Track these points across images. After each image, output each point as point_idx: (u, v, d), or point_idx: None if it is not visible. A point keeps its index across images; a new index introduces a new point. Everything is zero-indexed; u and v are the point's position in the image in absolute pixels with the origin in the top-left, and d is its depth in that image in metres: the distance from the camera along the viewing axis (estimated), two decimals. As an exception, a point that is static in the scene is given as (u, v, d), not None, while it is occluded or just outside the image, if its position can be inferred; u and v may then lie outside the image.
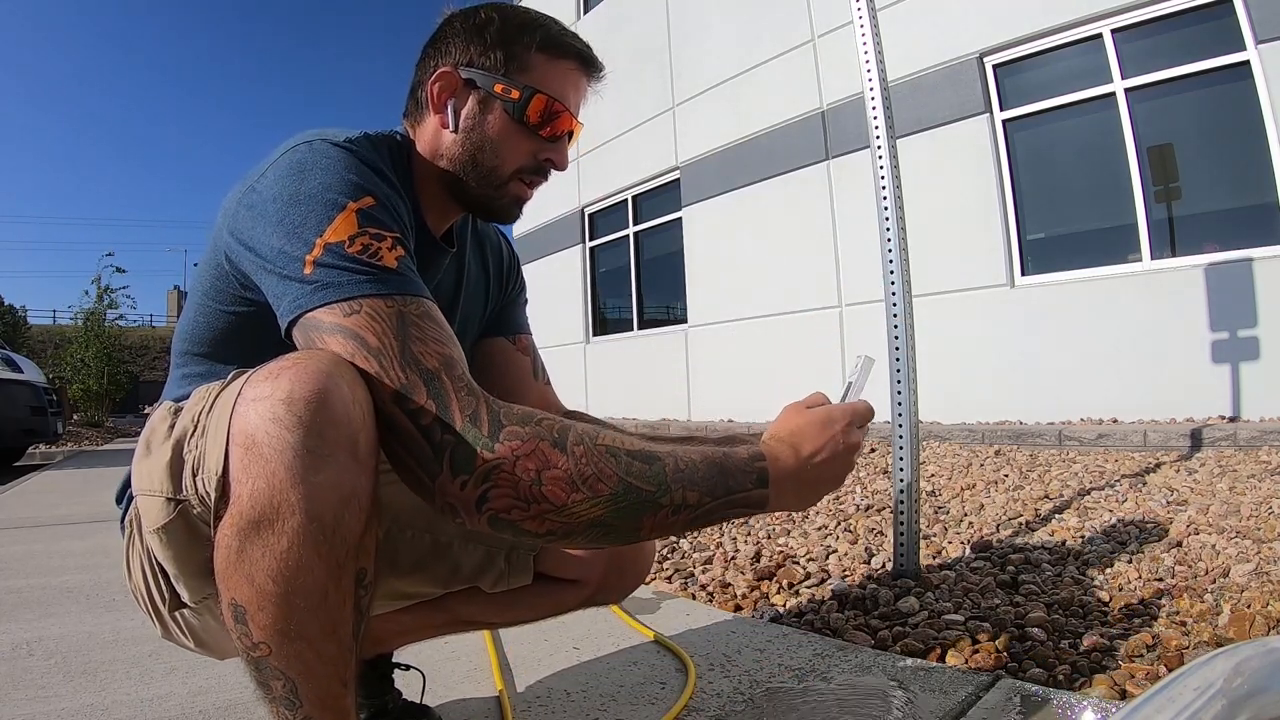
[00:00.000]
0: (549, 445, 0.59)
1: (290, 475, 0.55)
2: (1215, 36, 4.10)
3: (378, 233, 0.64)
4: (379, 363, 0.60)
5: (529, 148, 0.80)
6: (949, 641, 1.25)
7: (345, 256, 0.62)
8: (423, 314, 0.63)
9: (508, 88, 0.77)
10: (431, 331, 0.63)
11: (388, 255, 0.64)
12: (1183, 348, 4.10)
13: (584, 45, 0.83)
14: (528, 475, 0.58)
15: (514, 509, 0.58)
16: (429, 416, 0.59)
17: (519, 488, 0.58)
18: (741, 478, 0.64)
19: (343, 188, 0.65)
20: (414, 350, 0.61)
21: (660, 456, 0.62)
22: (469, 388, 0.61)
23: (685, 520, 0.63)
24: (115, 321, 12.35)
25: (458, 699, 1.11)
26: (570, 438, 0.60)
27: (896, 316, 1.65)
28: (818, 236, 5.98)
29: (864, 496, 2.75)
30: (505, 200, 0.82)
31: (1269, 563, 1.57)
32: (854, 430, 0.72)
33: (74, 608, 1.68)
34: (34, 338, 21.02)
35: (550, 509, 0.58)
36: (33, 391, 6.15)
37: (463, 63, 0.79)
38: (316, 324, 0.62)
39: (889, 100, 1.72)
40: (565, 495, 0.58)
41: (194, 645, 0.79)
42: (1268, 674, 0.52)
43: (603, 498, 0.59)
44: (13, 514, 3.24)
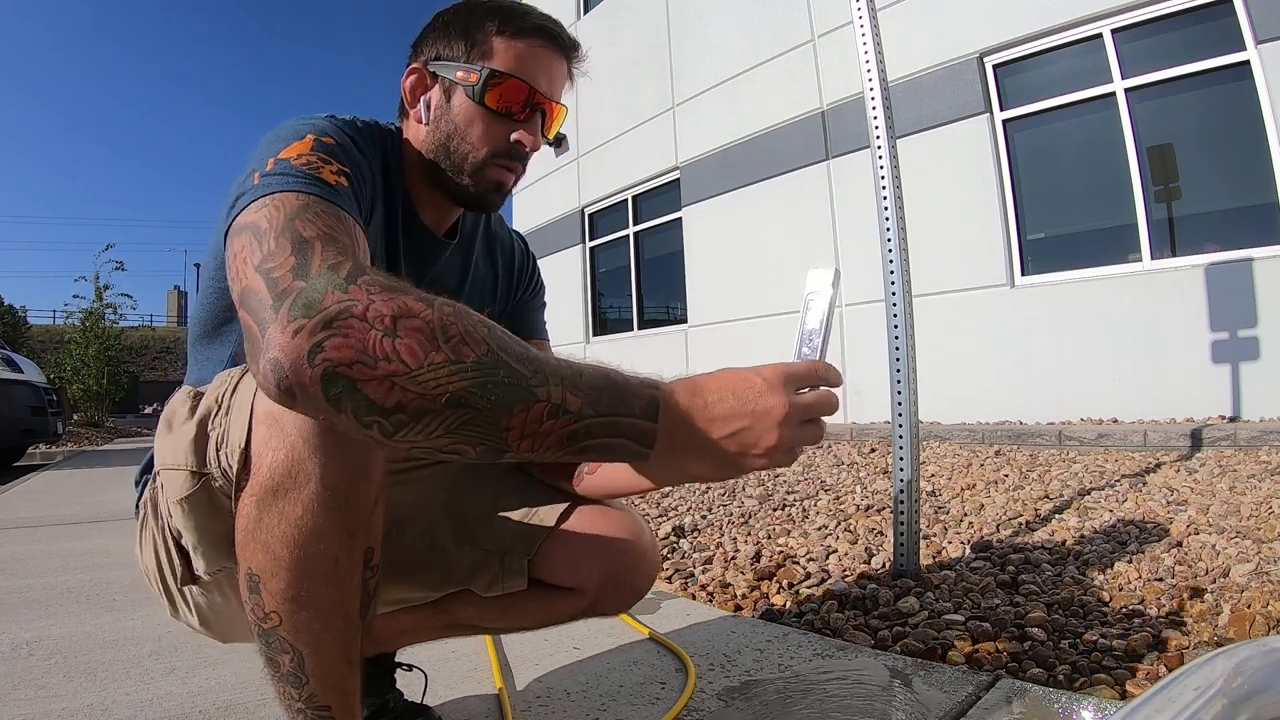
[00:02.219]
0: (414, 298, 0.52)
1: (308, 446, 0.58)
2: (1215, 36, 4.10)
3: (326, 157, 0.66)
4: (258, 241, 0.56)
5: (498, 130, 0.80)
6: (949, 641, 1.25)
7: (290, 166, 0.63)
8: (328, 210, 0.60)
9: (468, 73, 0.78)
10: (326, 219, 0.59)
11: (328, 174, 0.65)
12: (1183, 348, 4.10)
13: (549, 22, 0.82)
14: (381, 322, 0.49)
15: (357, 363, 0.48)
16: (283, 269, 0.53)
17: (367, 339, 0.49)
18: (631, 400, 0.55)
19: (309, 126, 0.70)
20: (296, 224, 0.57)
21: (542, 354, 0.55)
22: (342, 248, 0.56)
23: (562, 431, 0.53)
24: (114, 321, 12.34)
25: (458, 699, 1.11)
26: (441, 300, 0.53)
27: (896, 316, 1.65)
28: (818, 236, 5.98)
29: (864, 496, 2.75)
30: (483, 186, 0.82)
31: (1269, 563, 1.57)
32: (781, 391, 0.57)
33: (74, 608, 1.68)
34: (34, 338, 21.03)
35: (402, 370, 0.49)
36: (33, 391, 6.15)
37: (431, 58, 0.81)
38: (234, 229, 0.60)
39: (889, 100, 1.72)
40: (423, 353, 0.49)
41: (199, 625, 0.80)
42: (1268, 674, 0.51)
43: (467, 364, 0.50)
44: (13, 514, 3.23)
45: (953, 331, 5.01)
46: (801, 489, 3.02)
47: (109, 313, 12.10)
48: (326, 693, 0.67)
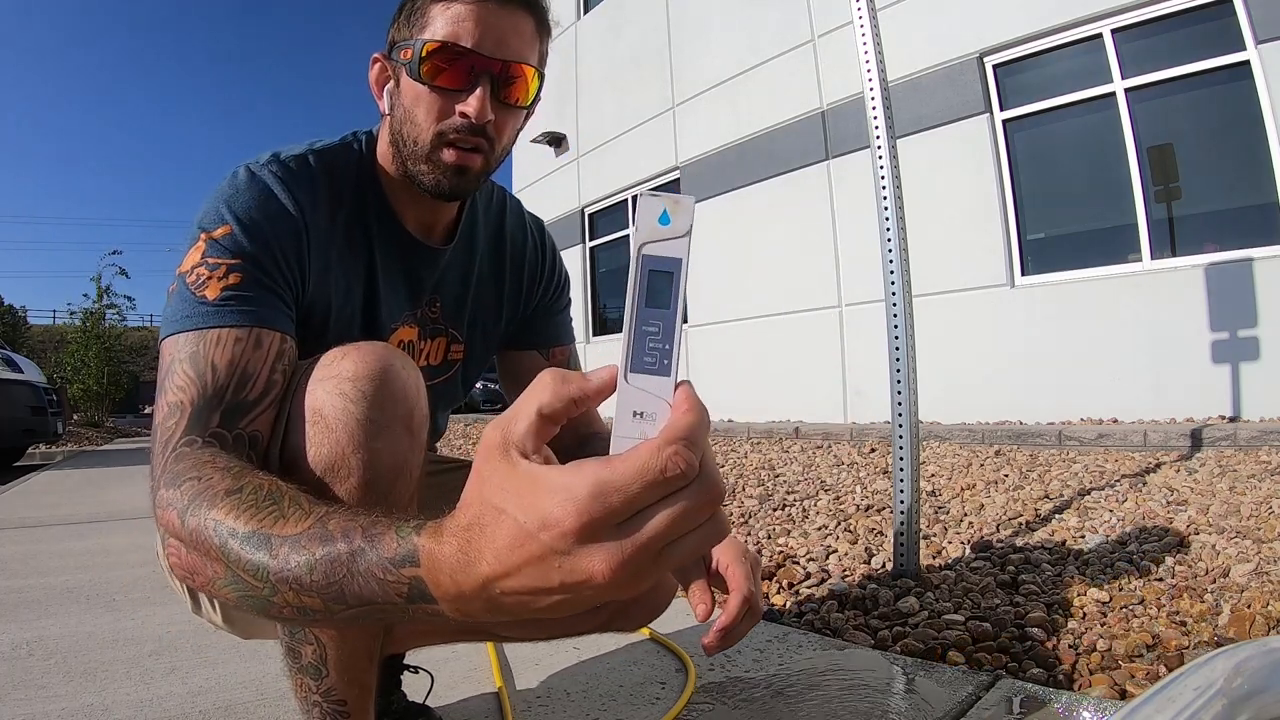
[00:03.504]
0: (175, 514, 0.54)
1: (352, 441, 0.60)
2: (1215, 36, 4.10)
3: (215, 262, 0.66)
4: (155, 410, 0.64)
5: (441, 105, 0.72)
6: (949, 641, 1.25)
7: (181, 290, 0.66)
8: (187, 356, 0.64)
9: (406, 50, 0.73)
10: (177, 379, 0.63)
11: (213, 286, 0.66)
12: (1183, 348, 4.10)
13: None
14: (176, 546, 0.55)
15: (187, 577, 0.55)
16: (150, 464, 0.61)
17: (181, 555, 0.54)
18: (383, 588, 0.42)
19: (209, 217, 0.69)
20: (158, 403, 0.64)
21: (270, 545, 0.47)
22: (165, 442, 0.61)
23: (330, 622, 0.47)
24: (115, 322, 12.34)
25: (458, 699, 1.11)
26: (190, 507, 0.53)
27: (896, 316, 1.65)
28: (818, 236, 5.98)
29: (864, 496, 2.75)
30: (440, 171, 0.74)
31: (1269, 563, 1.57)
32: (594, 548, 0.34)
33: (74, 608, 1.68)
34: (34, 338, 21.03)
35: (205, 581, 0.52)
36: (33, 391, 6.15)
37: (388, 46, 0.77)
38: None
39: (889, 100, 1.72)
40: (202, 572, 0.52)
41: (221, 621, 0.79)
42: (1268, 674, 0.52)
43: (221, 579, 0.51)
44: (13, 514, 3.23)
45: (953, 331, 5.01)
46: (801, 489, 3.02)
47: (110, 313, 12.10)
48: (346, 687, 0.68)
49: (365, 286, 0.79)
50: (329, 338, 0.74)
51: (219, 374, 0.63)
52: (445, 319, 0.89)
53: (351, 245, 0.78)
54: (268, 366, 0.65)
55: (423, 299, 0.87)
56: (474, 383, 0.98)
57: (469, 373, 0.94)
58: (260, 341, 0.66)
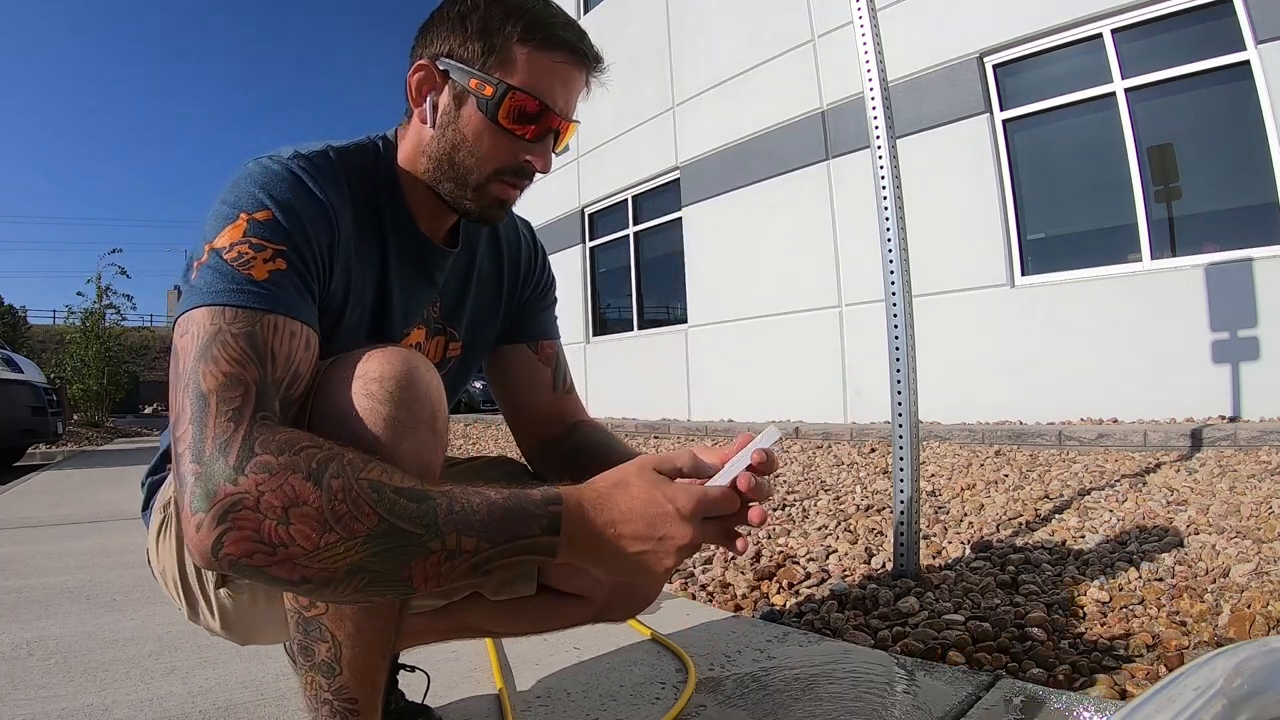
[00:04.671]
0: (301, 478, 0.53)
1: (379, 442, 0.61)
2: (1215, 36, 4.10)
3: (259, 243, 0.64)
4: (174, 389, 0.59)
5: (508, 148, 0.75)
6: (949, 641, 1.25)
7: (217, 263, 0.62)
8: (243, 332, 0.60)
9: (482, 83, 0.72)
10: (234, 350, 0.59)
11: (260, 266, 0.63)
12: (1183, 348, 4.10)
13: (575, 35, 0.76)
14: (273, 513, 0.52)
15: (257, 553, 0.52)
16: (185, 444, 0.55)
17: (262, 529, 0.52)
18: (530, 521, 0.58)
19: (246, 200, 0.66)
20: (199, 370, 0.57)
21: (432, 495, 0.56)
22: (235, 412, 0.56)
23: (463, 568, 0.56)
24: (115, 322, 12.33)
25: (458, 699, 1.11)
26: (330, 469, 0.54)
27: (896, 316, 1.65)
28: (818, 236, 5.98)
29: (864, 496, 2.75)
30: (486, 202, 0.78)
31: (1269, 563, 1.57)
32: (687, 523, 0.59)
33: (74, 608, 1.68)
34: (34, 338, 21.03)
35: (300, 552, 0.52)
36: (33, 391, 6.15)
37: (442, 53, 0.74)
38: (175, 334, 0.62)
39: (889, 100, 1.72)
40: (316, 536, 0.52)
41: (219, 627, 0.78)
42: (1268, 674, 0.52)
43: (359, 538, 0.53)
44: (13, 514, 3.23)
45: (953, 331, 5.01)
46: (801, 489, 3.02)
47: (110, 313, 12.10)
48: (358, 685, 0.68)
49: (377, 287, 0.79)
50: (339, 337, 0.74)
51: (277, 364, 0.61)
52: (444, 318, 0.90)
53: (367, 245, 0.77)
54: (310, 368, 0.65)
55: (433, 301, 0.88)
56: (468, 381, 0.98)
57: (465, 370, 0.95)
58: (308, 342, 0.65)
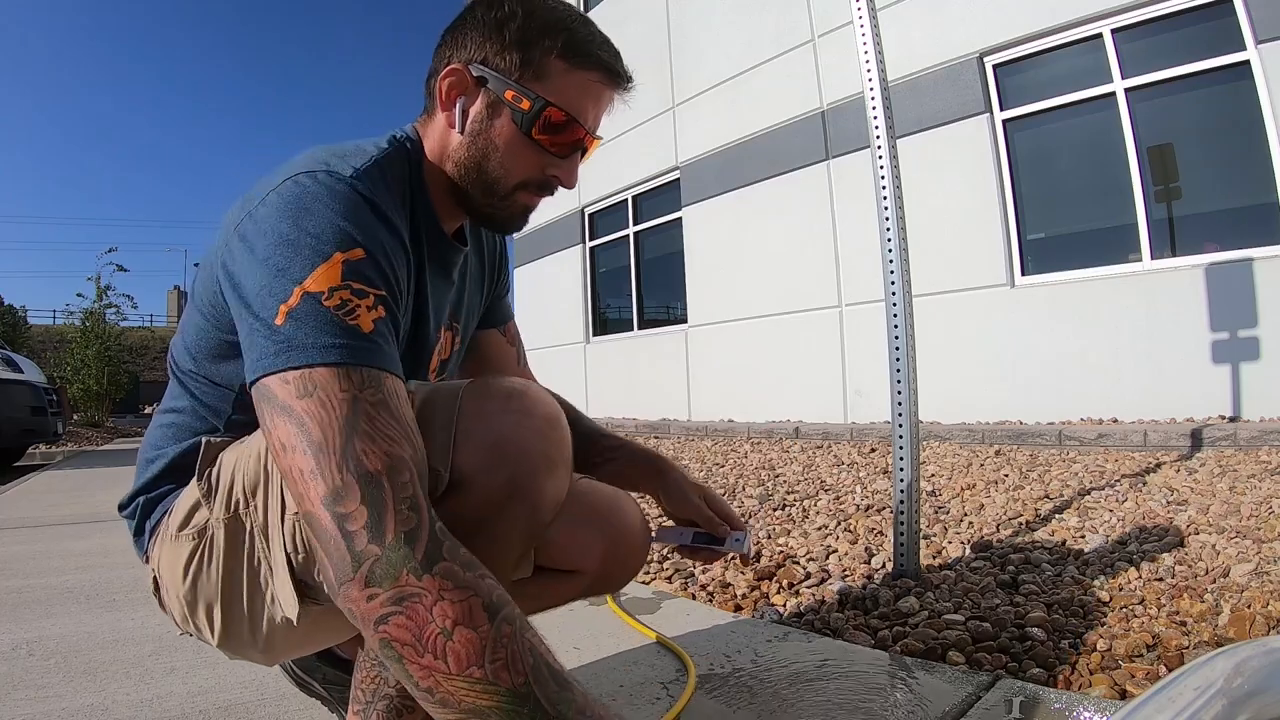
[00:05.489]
0: (480, 605, 0.53)
1: (534, 474, 0.65)
2: (1215, 36, 4.10)
3: (360, 289, 0.61)
4: (316, 460, 0.55)
5: (537, 161, 0.75)
6: (949, 641, 1.25)
7: (320, 310, 0.59)
8: (379, 401, 0.58)
9: (519, 95, 0.72)
10: (384, 425, 0.57)
11: (365, 316, 0.60)
12: (1183, 348, 4.10)
13: (610, 54, 0.77)
14: (442, 621, 0.52)
15: (409, 646, 0.52)
16: (357, 523, 0.54)
17: (425, 630, 0.52)
18: None
19: (334, 235, 0.62)
20: (357, 448, 0.55)
21: (572, 688, 0.55)
22: (413, 501, 0.56)
23: None
24: (115, 321, 12.33)
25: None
26: (505, 612, 0.54)
27: (896, 316, 1.65)
28: (818, 236, 5.98)
29: (864, 496, 2.75)
30: (510, 211, 0.79)
31: (1269, 563, 1.57)
32: None
33: (74, 608, 1.68)
34: (34, 338, 21.01)
35: (443, 669, 0.51)
36: (33, 391, 6.15)
37: (476, 59, 0.74)
38: (269, 396, 0.58)
39: (889, 100, 1.72)
40: (465, 664, 0.51)
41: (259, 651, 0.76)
42: (1268, 674, 0.52)
43: (499, 689, 0.52)
44: (13, 514, 3.23)
45: (953, 331, 5.01)
46: (801, 489, 3.02)
47: (110, 313, 12.10)
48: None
49: (415, 294, 0.78)
50: None
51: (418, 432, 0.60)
52: (452, 314, 0.91)
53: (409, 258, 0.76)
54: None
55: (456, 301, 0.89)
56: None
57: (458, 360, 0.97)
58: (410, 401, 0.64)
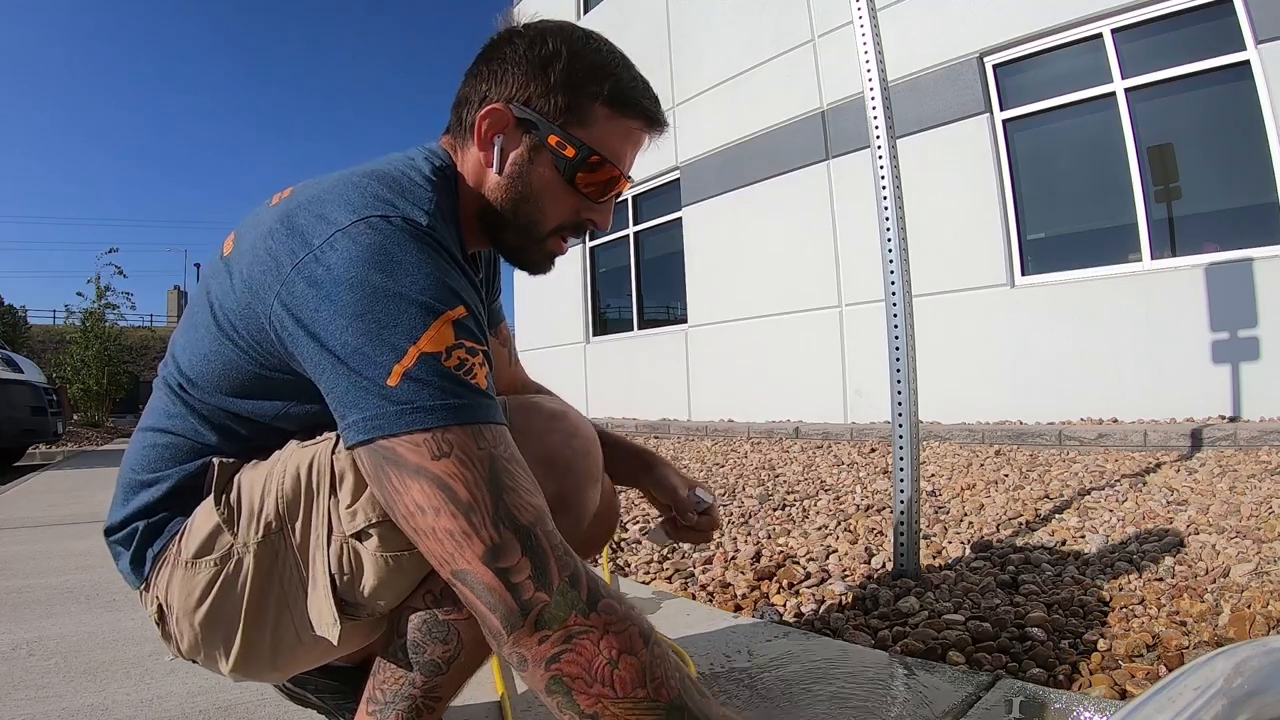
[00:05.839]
0: (637, 633, 0.58)
1: (577, 486, 0.74)
2: (1215, 36, 4.10)
3: (473, 347, 0.61)
4: (468, 520, 0.56)
5: (574, 205, 0.76)
6: (949, 641, 1.25)
7: (440, 371, 0.58)
8: (512, 457, 0.60)
9: (563, 142, 0.72)
10: (522, 480, 0.60)
11: (480, 374, 0.60)
12: (1183, 347, 4.10)
13: (651, 100, 0.77)
14: (609, 652, 0.56)
15: (579, 679, 0.56)
16: (522, 575, 0.57)
17: (594, 662, 0.56)
18: None
19: (438, 292, 0.60)
20: (508, 504, 0.58)
21: (710, 698, 0.61)
22: (564, 547, 0.59)
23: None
24: (115, 322, 12.33)
25: (460, 701, 1.10)
26: (654, 637, 0.59)
27: (896, 316, 1.65)
28: (818, 236, 5.98)
29: (864, 496, 2.75)
30: (540, 255, 0.79)
31: (1269, 563, 1.57)
32: None
33: (74, 608, 1.68)
34: (34, 338, 21.00)
35: (610, 695, 0.56)
36: (33, 391, 6.15)
37: (519, 99, 0.72)
38: (396, 459, 0.57)
39: (889, 100, 1.72)
40: (631, 688, 0.56)
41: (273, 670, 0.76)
42: (1268, 674, 0.52)
43: (660, 705, 0.57)
44: (13, 514, 3.23)
45: (953, 331, 5.01)
46: (801, 489, 3.02)
47: (109, 313, 12.10)
48: (451, 687, 0.71)
49: None
50: None
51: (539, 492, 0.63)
52: None
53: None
54: None
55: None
56: None
57: None
58: None
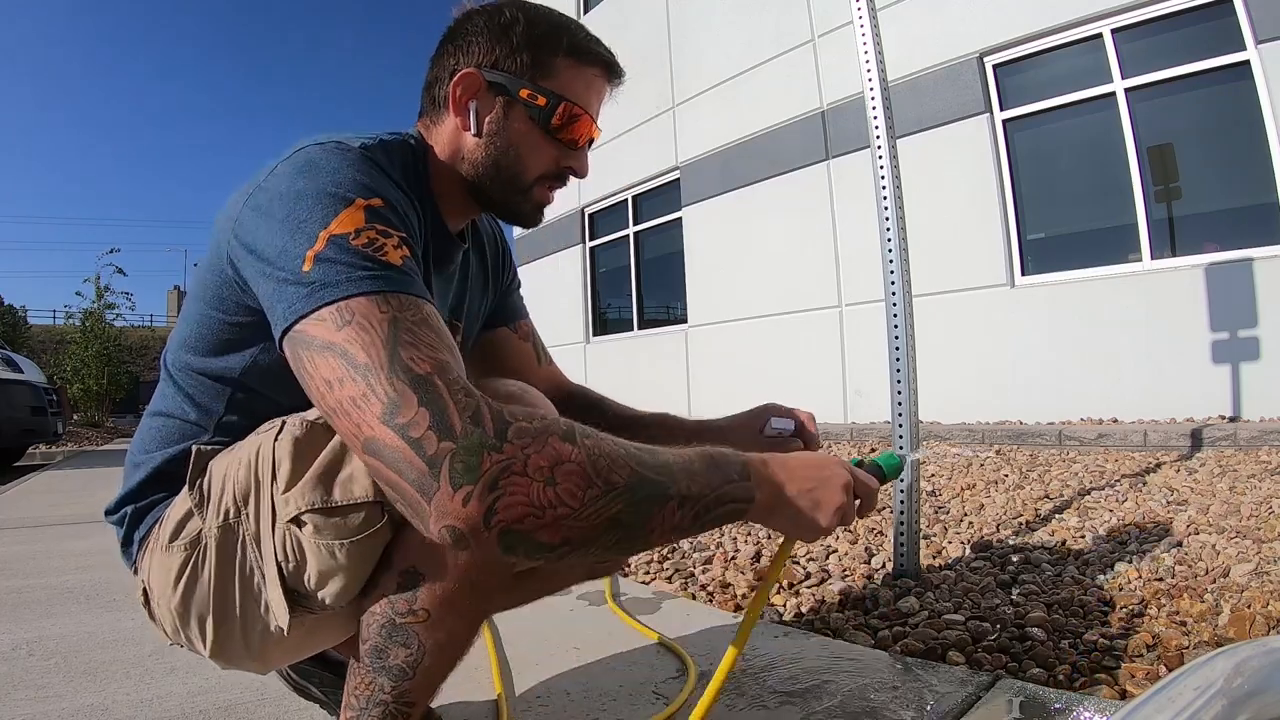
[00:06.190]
0: (559, 439, 0.55)
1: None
2: (1215, 36, 4.10)
3: (384, 229, 0.62)
4: (366, 382, 0.54)
5: (552, 154, 0.80)
6: (949, 641, 1.25)
7: (348, 249, 0.59)
8: (420, 320, 0.59)
9: (534, 93, 0.76)
10: (426, 337, 0.58)
11: (393, 252, 0.61)
12: (1183, 347, 4.10)
13: (608, 52, 0.82)
14: (540, 474, 0.53)
15: (528, 517, 0.52)
16: (421, 428, 0.52)
17: (532, 491, 0.52)
18: (729, 467, 0.63)
19: (352, 185, 0.64)
20: (404, 357, 0.55)
21: (658, 449, 0.60)
22: (466, 389, 0.56)
23: (688, 517, 0.59)
24: (114, 321, 12.33)
25: (459, 699, 1.11)
26: (579, 431, 0.57)
27: (896, 316, 1.65)
28: (818, 236, 5.98)
29: (864, 496, 2.74)
30: (528, 206, 0.82)
31: (1269, 563, 1.57)
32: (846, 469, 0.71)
33: (74, 608, 1.68)
34: (34, 338, 20.99)
35: (567, 513, 0.53)
36: (33, 391, 6.15)
37: (486, 64, 0.77)
38: (307, 339, 0.58)
39: (889, 100, 1.72)
40: (581, 493, 0.53)
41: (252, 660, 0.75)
42: (1268, 674, 0.52)
43: (618, 490, 0.55)
44: (13, 514, 3.23)
45: (953, 331, 5.01)
46: (801, 489, 3.01)
47: (109, 313, 12.10)
48: (423, 692, 0.69)
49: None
50: None
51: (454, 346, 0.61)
52: (452, 311, 0.92)
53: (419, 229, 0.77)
54: None
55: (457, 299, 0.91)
56: None
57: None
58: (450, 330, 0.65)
